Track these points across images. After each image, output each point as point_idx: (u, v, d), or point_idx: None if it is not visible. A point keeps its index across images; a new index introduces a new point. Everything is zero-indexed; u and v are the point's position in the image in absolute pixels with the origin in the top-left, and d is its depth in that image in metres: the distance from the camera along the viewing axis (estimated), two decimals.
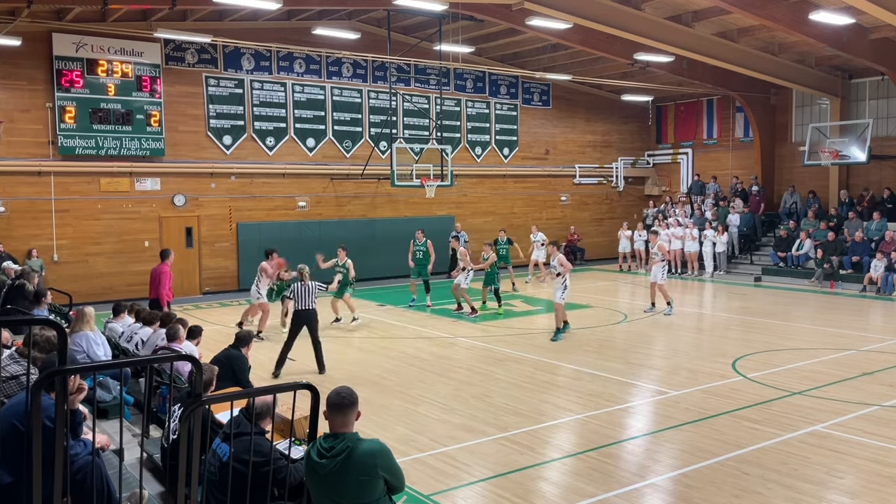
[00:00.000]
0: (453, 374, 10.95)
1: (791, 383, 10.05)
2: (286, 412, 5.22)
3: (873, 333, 13.89)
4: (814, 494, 6.44)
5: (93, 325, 8.31)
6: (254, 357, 12.16)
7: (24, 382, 5.04)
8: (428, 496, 6.47)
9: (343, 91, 21.96)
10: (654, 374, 10.95)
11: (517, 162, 25.53)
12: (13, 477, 4.14)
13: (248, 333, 8.58)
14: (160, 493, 5.26)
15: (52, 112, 17.62)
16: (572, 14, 17.16)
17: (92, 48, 17.93)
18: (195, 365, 4.17)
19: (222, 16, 19.10)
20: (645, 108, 28.39)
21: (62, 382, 3.56)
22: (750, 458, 7.31)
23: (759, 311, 16.22)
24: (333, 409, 4.04)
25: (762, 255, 22.99)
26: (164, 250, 13.62)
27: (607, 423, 8.56)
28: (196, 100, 19.69)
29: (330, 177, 21.71)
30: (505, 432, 8.19)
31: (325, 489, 4.00)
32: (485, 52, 23.46)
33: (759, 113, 24.33)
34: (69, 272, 17.79)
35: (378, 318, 15.92)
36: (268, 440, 4.41)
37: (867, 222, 20.65)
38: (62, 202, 18.01)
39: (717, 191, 25.44)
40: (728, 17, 17.97)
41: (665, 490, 6.67)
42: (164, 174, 19.26)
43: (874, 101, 22.38)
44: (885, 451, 7.48)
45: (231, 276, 20.23)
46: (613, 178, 27.84)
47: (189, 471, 3.95)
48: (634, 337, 13.69)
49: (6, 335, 6.53)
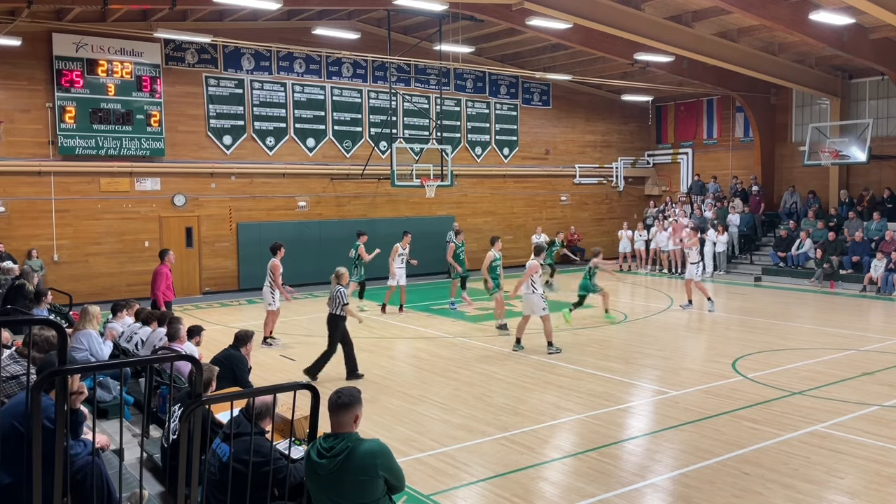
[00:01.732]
0: (453, 374, 10.95)
1: (791, 383, 10.05)
2: (286, 412, 5.22)
3: (873, 333, 13.88)
4: (814, 494, 6.43)
5: (96, 324, 8.33)
6: (255, 358, 12.19)
7: (24, 382, 5.04)
8: (428, 496, 6.47)
9: (343, 91, 21.96)
10: (654, 374, 10.95)
11: (517, 162, 25.53)
12: (13, 477, 4.14)
13: (246, 333, 8.53)
14: (160, 493, 5.26)
15: (52, 112, 17.63)
16: (572, 14, 17.16)
17: (92, 48, 17.93)
18: (195, 365, 4.17)
19: (222, 16, 19.11)
20: (645, 108, 28.39)
21: (62, 382, 3.56)
22: (750, 458, 7.31)
23: (759, 311, 16.21)
24: (332, 409, 4.05)
25: (762, 255, 22.99)
26: (163, 250, 13.57)
27: (607, 423, 8.55)
28: (196, 100, 19.69)
29: (330, 177, 21.71)
30: (505, 432, 8.19)
31: (325, 489, 4.00)
32: (485, 52, 23.46)
33: (759, 113, 24.33)
34: (69, 272, 17.79)
35: (378, 318, 15.91)
36: (268, 440, 4.41)
37: (867, 222, 20.65)
38: (62, 202, 18.01)
39: (716, 191, 25.45)
40: (728, 17, 17.97)
41: (665, 490, 6.67)
42: (164, 174, 19.26)
43: (874, 101, 22.37)
44: (885, 451, 7.47)
45: (231, 276, 20.23)
46: (613, 178, 27.84)
47: (189, 471, 3.95)
48: (634, 337, 13.69)
49: (6, 335, 6.53)
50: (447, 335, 14.06)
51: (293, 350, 12.80)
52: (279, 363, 11.84)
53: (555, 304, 15.24)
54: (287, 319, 15.72)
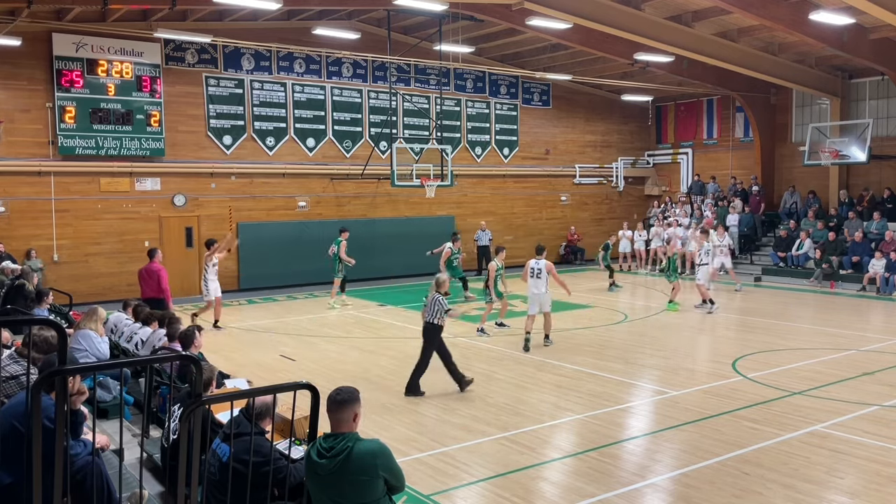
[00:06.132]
0: None
1: (791, 383, 10.05)
2: (286, 412, 5.22)
3: (873, 333, 13.88)
4: (814, 494, 6.43)
5: (100, 325, 8.32)
6: (254, 358, 12.20)
7: (24, 382, 5.04)
8: (428, 496, 6.47)
9: (343, 91, 21.96)
10: (654, 374, 10.95)
11: (517, 162, 25.53)
12: (13, 477, 4.14)
13: (188, 332, 7.56)
14: (160, 493, 5.26)
15: (52, 112, 17.63)
16: (572, 14, 17.16)
17: (92, 48, 17.93)
18: (195, 365, 4.17)
19: (222, 16, 19.11)
20: (645, 108, 28.39)
21: (62, 382, 3.56)
22: (750, 458, 7.31)
23: (759, 311, 16.21)
24: (331, 407, 4.05)
25: (762, 255, 22.99)
26: (151, 249, 13.60)
27: (607, 423, 8.55)
28: (196, 100, 19.69)
29: (330, 177, 21.72)
30: (505, 432, 8.19)
31: (325, 489, 4.00)
32: (485, 52, 23.46)
33: (759, 113, 24.33)
34: (69, 272, 17.79)
35: (378, 318, 15.92)
36: (268, 440, 4.41)
37: (867, 222, 20.65)
38: (62, 202, 18.01)
39: (716, 191, 25.45)
40: (728, 17, 17.97)
41: (665, 490, 6.67)
42: (164, 174, 19.26)
43: (874, 101, 22.37)
44: (885, 451, 7.47)
45: (231, 276, 20.20)
46: (613, 178, 27.84)
47: (189, 471, 3.95)
48: (634, 337, 13.69)
49: (6, 335, 6.52)
50: (447, 335, 14.00)
51: (292, 350, 12.79)
52: (279, 363, 11.84)
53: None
54: (287, 319, 15.74)
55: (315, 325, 15.34)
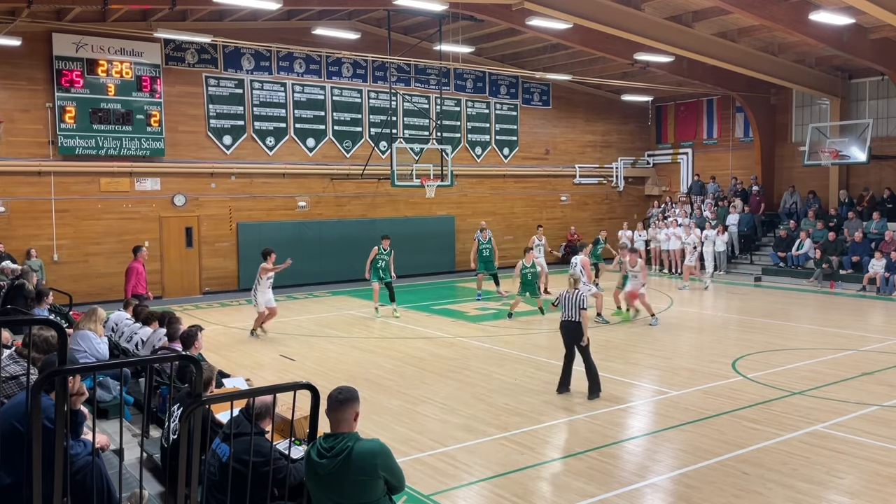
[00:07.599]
0: (453, 374, 10.95)
1: (791, 383, 10.05)
2: (286, 412, 5.22)
3: (873, 333, 13.88)
4: (814, 494, 6.44)
5: (100, 326, 8.31)
6: (254, 358, 12.20)
7: (24, 382, 5.04)
8: (428, 496, 6.47)
9: (343, 91, 21.95)
10: (654, 374, 10.95)
11: (517, 162, 25.52)
12: (13, 477, 4.14)
13: (190, 332, 7.48)
14: (160, 493, 5.26)
15: (52, 112, 17.62)
16: (572, 14, 17.16)
17: (92, 48, 17.93)
18: (195, 365, 4.17)
19: (222, 16, 19.10)
20: (645, 108, 28.39)
21: (62, 383, 3.56)
22: (750, 458, 7.31)
23: (759, 311, 16.22)
24: (331, 406, 4.05)
25: (762, 255, 22.99)
26: (136, 247, 13.80)
27: (607, 423, 8.56)
28: (196, 100, 19.69)
29: (330, 177, 21.71)
30: (505, 432, 8.19)
31: (325, 489, 4.00)
32: (485, 52, 23.46)
33: (759, 113, 24.33)
34: (69, 272, 17.78)
35: (378, 318, 15.91)
36: (268, 440, 4.41)
37: (867, 222, 20.65)
38: (62, 202, 18.00)
39: (716, 191, 25.45)
40: (728, 17, 17.96)
41: (665, 490, 6.67)
42: (164, 174, 19.25)
43: (874, 101, 22.37)
44: (885, 451, 7.48)
45: (231, 276, 20.22)
46: (613, 178, 27.84)
47: (189, 471, 3.95)
48: (634, 337, 13.69)
49: (6, 335, 6.52)
50: (447, 335, 14.06)
51: (291, 350, 12.79)
52: (279, 363, 11.84)
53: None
54: (287, 319, 15.73)
55: (315, 325, 15.35)
